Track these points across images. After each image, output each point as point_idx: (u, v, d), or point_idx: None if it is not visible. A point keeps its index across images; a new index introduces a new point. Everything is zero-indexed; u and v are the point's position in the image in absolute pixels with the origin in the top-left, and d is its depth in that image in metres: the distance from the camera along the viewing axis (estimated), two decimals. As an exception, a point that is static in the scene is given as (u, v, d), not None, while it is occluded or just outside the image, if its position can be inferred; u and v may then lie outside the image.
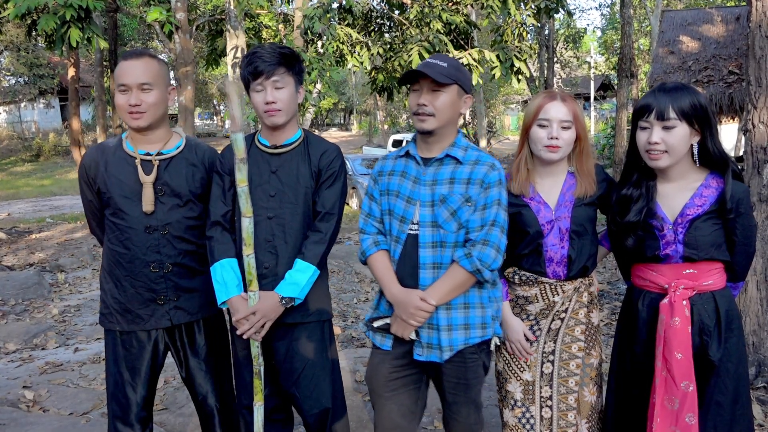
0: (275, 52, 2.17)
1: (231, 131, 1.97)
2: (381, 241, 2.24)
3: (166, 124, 2.34)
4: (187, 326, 2.33)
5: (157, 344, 2.32)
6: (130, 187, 2.24)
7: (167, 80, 2.29)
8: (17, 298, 6.39)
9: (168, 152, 2.29)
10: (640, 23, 28.39)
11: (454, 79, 2.09)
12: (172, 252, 2.26)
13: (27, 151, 25.43)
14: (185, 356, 2.36)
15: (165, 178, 2.26)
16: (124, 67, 2.20)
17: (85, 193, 2.36)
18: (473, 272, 2.06)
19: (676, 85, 2.04)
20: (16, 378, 4.10)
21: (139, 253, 2.24)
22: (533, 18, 9.93)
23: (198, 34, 10.90)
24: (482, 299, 2.17)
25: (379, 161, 2.35)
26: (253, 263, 2.11)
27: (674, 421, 2.05)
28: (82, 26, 6.35)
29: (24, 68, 23.46)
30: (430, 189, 2.13)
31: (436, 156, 2.17)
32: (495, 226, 2.08)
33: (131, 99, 2.18)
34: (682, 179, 2.09)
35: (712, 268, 2.08)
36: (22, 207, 14.54)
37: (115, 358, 2.31)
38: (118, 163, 2.26)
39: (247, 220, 2.06)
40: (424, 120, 2.11)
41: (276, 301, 2.17)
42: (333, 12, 8.86)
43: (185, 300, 2.29)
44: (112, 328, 2.31)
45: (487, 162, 2.14)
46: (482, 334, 2.17)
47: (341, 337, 5.25)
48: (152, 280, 2.25)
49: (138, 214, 2.23)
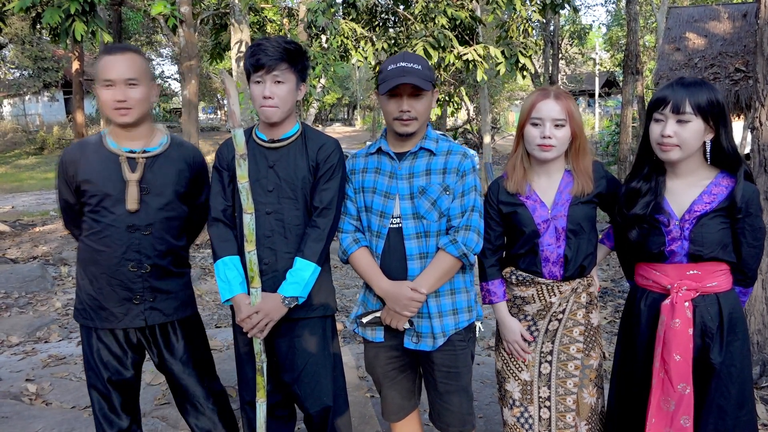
0: (280, 46, 2.14)
1: (231, 127, 1.95)
2: (360, 239, 2.26)
3: (150, 120, 2.31)
4: (161, 327, 2.30)
5: (130, 341, 2.29)
6: (113, 184, 2.18)
7: (151, 75, 2.26)
8: (20, 291, 6.40)
9: (153, 150, 2.25)
10: (646, 20, 28.26)
11: (431, 80, 2.14)
12: (152, 252, 2.22)
13: (31, 144, 25.46)
14: (160, 355, 2.33)
15: (150, 177, 2.21)
16: (108, 62, 2.14)
17: (61, 192, 2.31)
18: (460, 257, 2.13)
19: (694, 80, 2.02)
20: (19, 371, 4.11)
21: (118, 251, 2.19)
22: (538, 14, 9.90)
23: (202, 28, 10.88)
24: (466, 284, 2.27)
25: (348, 160, 2.36)
26: (255, 260, 2.10)
27: (669, 422, 2.04)
28: (86, 19, 6.34)
29: (28, 61, 23.48)
30: (408, 182, 2.17)
31: (410, 150, 2.20)
32: (474, 211, 2.16)
33: (117, 95, 2.13)
34: (691, 176, 2.07)
35: (716, 270, 2.05)
36: (26, 200, 14.57)
37: (92, 351, 2.28)
38: (101, 161, 2.21)
39: (249, 217, 2.05)
40: (408, 124, 2.14)
41: (279, 302, 2.16)
42: (337, 6, 8.84)
43: (161, 301, 2.26)
44: (86, 324, 2.29)
45: (459, 151, 2.20)
46: (469, 317, 2.27)
47: (344, 333, 5.25)
48: (129, 280, 2.21)
49: (121, 213, 2.18)
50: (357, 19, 10.35)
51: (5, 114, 30.35)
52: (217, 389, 2.43)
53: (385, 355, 2.31)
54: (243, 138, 1.95)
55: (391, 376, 2.35)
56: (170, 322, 2.31)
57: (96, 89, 2.20)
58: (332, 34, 8.59)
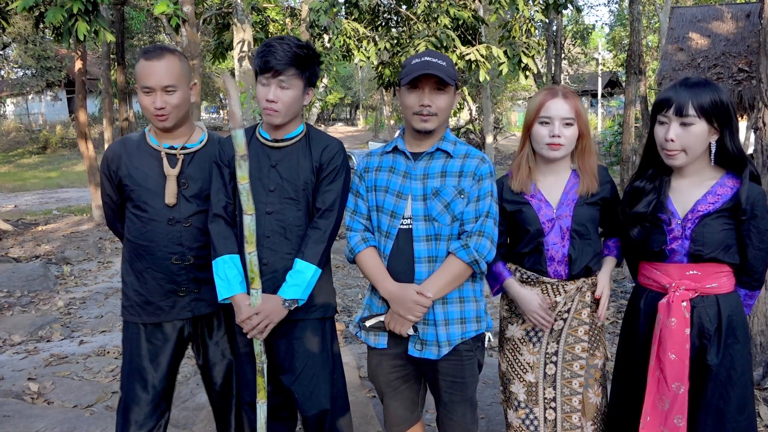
0: (291, 50, 2.10)
1: (231, 128, 1.94)
2: (369, 238, 2.23)
3: (190, 119, 2.35)
4: (207, 317, 2.36)
5: (181, 334, 2.34)
6: (154, 179, 2.25)
7: (189, 76, 2.28)
8: (23, 290, 6.41)
9: (192, 146, 2.31)
10: (649, 20, 28.20)
11: (455, 78, 2.11)
12: (193, 244, 2.27)
13: (34, 143, 25.50)
14: (204, 345, 2.39)
15: (188, 172, 2.28)
16: (146, 68, 2.16)
17: (104, 188, 2.37)
18: (470, 263, 2.07)
19: (698, 81, 2.00)
20: (21, 370, 4.12)
21: (161, 245, 2.25)
22: (541, 14, 9.88)
23: (205, 28, 10.89)
24: (476, 293, 2.21)
25: (363, 158, 2.34)
26: (255, 261, 2.07)
27: (663, 421, 2.04)
28: (89, 19, 6.34)
29: (31, 60, 23.48)
30: (422, 183, 2.14)
31: (427, 150, 2.17)
32: (489, 217, 2.11)
33: (156, 102, 2.17)
34: (696, 176, 2.06)
35: (717, 271, 2.04)
36: (29, 199, 14.59)
37: (135, 349, 2.31)
38: (142, 157, 2.28)
39: (249, 218, 2.03)
40: (427, 120, 2.10)
41: (279, 304, 2.14)
42: (339, 6, 8.83)
43: (206, 291, 2.30)
44: (134, 320, 2.32)
45: (477, 155, 2.16)
46: (477, 327, 2.19)
47: (346, 333, 5.24)
48: (174, 272, 2.27)
49: (161, 207, 2.24)
50: (359, 19, 10.34)
51: (8, 113, 30.40)
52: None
53: (389, 363, 2.26)
54: (244, 139, 1.93)
55: (394, 386, 2.29)
56: (215, 313, 2.35)
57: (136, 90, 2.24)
58: (335, 33, 8.58)
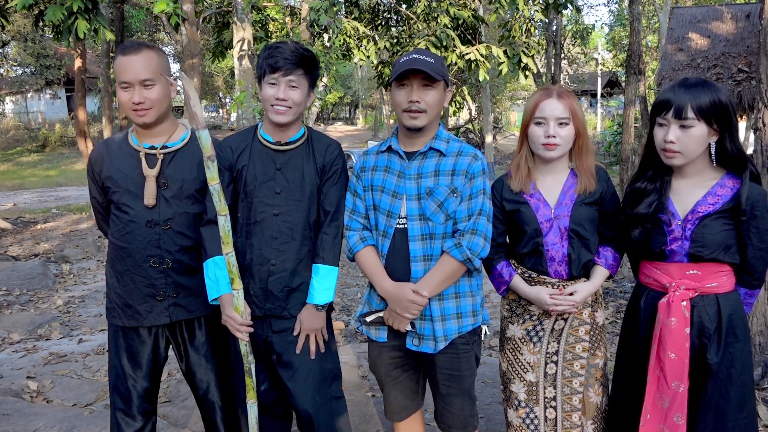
0: (298, 52, 2.15)
1: (195, 128, 1.89)
2: (367, 237, 2.25)
3: (171, 116, 2.32)
4: (187, 322, 2.32)
5: (157, 340, 2.32)
6: (133, 180, 2.21)
7: (168, 71, 2.25)
8: (22, 289, 6.41)
9: (172, 145, 2.27)
10: (649, 20, 28.20)
11: (443, 74, 2.11)
12: (172, 247, 2.23)
13: (33, 142, 25.50)
14: (185, 351, 2.35)
15: (168, 172, 2.23)
16: (123, 63, 2.15)
17: (91, 189, 2.36)
18: (464, 261, 2.10)
19: (697, 81, 1.99)
20: (20, 368, 4.12)
21: (139, 247, 2.21)
22: (541, 14, 9.89)
23: (205, 26, 10.88)
24: (472, 287, 2.23)
25: (359, 157, 2.36)
26: (233, 262, 2.07)
27: (663, 419, 2.05)
28: (89, 17, 6.33)
29: (31, 59, 23.46)
30: (416, 182, 2.15)
31: (420, 149, 2.18)
32: (482, 215, 2.12)
33: (135, 97, 2.14)
34: (696, 176, 2.06)
35: (717, 271, 2.04)
36: (28, 197, 14.59)
37: (117, 350, 2.31)
38: (123, 157, 2.25)
39: (223, 219, 2.01)
40: (417, 117, 2.11)
41: (314, 312, 2.22)
42: (339, 5, 8.83)
43: (184, 297, 2.27)
44: (114, 322, 2.31)
45: (469, 153, 2.17)
46: (473, 321, 2.23)
47: (346, 331, 5.24)
48: (152, 276, 2.23)
49: (140, 208, 2.20)
50: (359, 18, 10.34)
51: (8, 111, 30.37)
52: (231, 385, 2.44)
53: (389, 355, 2.31)
54: (209, 140, 1.91)
55: (393, 376, 2.34)
56: (196, 318, 2.32)
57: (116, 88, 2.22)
58: (334, 32, 8.58)
